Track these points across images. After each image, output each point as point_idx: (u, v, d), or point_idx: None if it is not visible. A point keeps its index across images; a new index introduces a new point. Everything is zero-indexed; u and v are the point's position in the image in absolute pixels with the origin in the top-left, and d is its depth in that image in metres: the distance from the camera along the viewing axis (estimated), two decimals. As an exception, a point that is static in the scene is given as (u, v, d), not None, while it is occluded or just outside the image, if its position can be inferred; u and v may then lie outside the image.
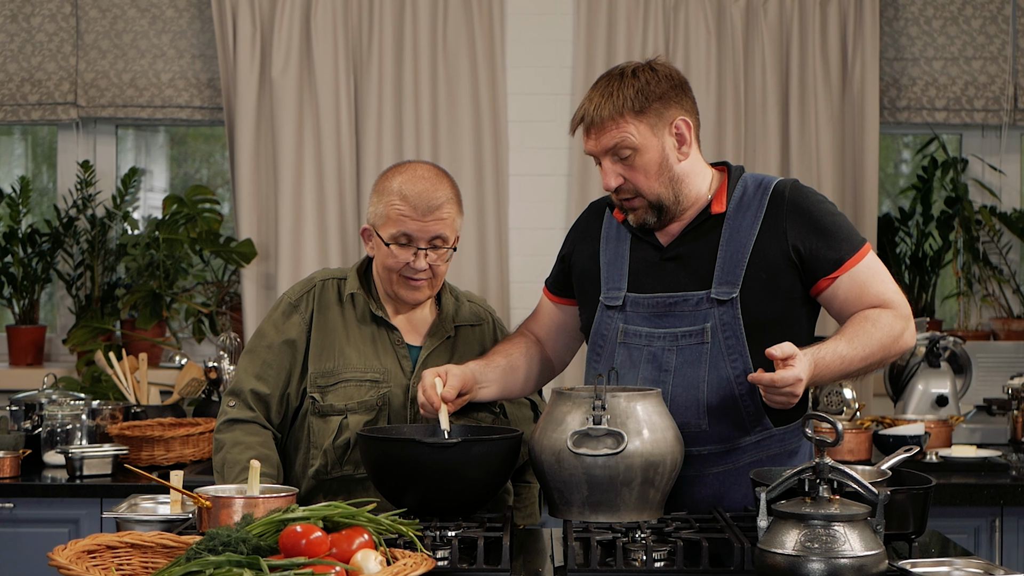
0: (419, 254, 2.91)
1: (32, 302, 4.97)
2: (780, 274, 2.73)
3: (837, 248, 2.72)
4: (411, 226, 2.90)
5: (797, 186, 2.81)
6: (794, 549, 2.12)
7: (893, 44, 5.02)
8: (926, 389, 4.50)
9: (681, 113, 2.75)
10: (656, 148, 2.73)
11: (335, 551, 2.08)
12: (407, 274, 2.93)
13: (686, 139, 2.76)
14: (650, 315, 2.79)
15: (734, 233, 2.76)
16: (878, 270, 2.75)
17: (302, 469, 2.97)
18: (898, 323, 2.70)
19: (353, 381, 2.93)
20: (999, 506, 3.93)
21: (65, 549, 2.09)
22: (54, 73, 4.96)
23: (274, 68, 4.81)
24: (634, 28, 4.85)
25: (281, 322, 2.98)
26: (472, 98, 4.85)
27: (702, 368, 2.73)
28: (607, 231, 2.93)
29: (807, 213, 2.75)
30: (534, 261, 4.92)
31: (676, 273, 2.79)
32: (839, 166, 4.90)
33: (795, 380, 2.50)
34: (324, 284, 3.03)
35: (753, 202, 2.78)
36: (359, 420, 2.92)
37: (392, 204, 2.90)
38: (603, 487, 2.51)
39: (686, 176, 2.78)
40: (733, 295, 2.72)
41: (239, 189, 4.86)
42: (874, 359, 2.68)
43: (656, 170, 2.74)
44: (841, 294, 2.73)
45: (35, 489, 3.94)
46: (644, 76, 2.74)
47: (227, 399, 2.97)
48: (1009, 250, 5.10)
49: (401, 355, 2.98)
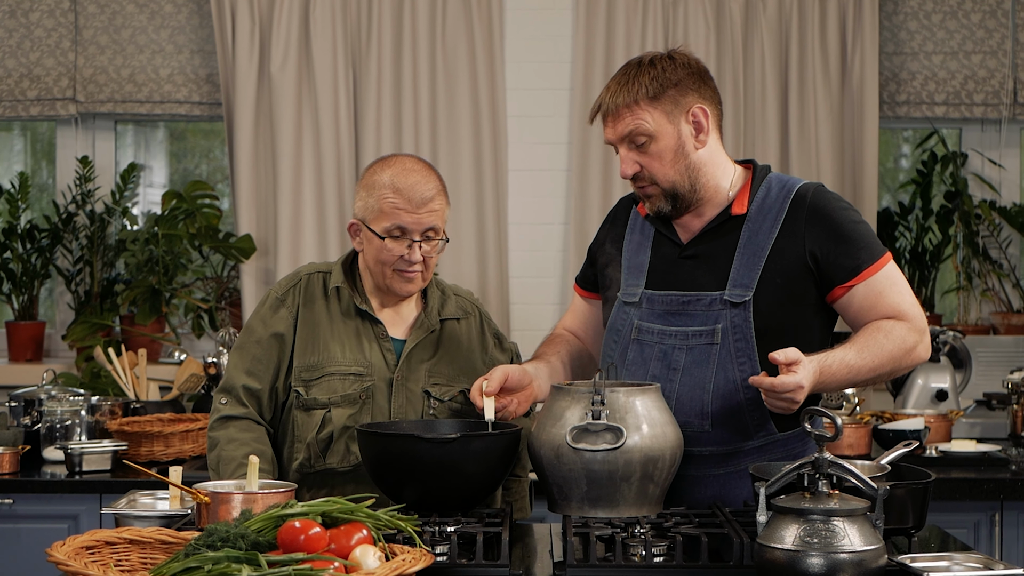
0: (413, 246, 2.91)
1: (31, 298, 4.97)
2: (795, 280, 2.72)
3: (855, 256, 2.70)
4: (405, 219, 2.89)
5: (820, 191, 2.78)
6: (793, 544, 2.12)
7: (892, 38, 5.02)
8: (926, 384, 4.50)
9: (699, 101, 2.73)
10: (672, 135, 2.72)
11: (334, 547, 2.08)
12: (401, 267, 2.92)
13: (703, 127, 2.74)
14: (664, 312, 2.78)
15: (753, 235, 2.74)
16: (896, 280, 2.73)
17: (287, 463, 2.97)
18: (911, 336, 2.68)
19: (337, 375, 2.94)
20: (999, 500, 3.93)
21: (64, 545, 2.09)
22: (53, 69, 4.96)
23: (273, 63, 4.81)
24: (633, 23, 4.85)
25: (269, 316, 2.99)
26: (471, 93, 4.84)
27: (710, 369, 2.72)
28: (632, 227, 2.92)
29: (827, 219, 2.73)
30: (533, 256, 4.92)
31: (693, 272, 2.78)
32: (838, 161, 4.90)
33: (796, 386, 2.48)
34: (310, 278, 3.03)
35: (775, 205, 2.76)
36: (342, 413, 2.92)
37: (385, 197, 2.90)
38: (602, 482, 2.50)
39: (704, 165, 2.76)
40: (746, 298, 2.70)
41: (238, 184, 4.86)
42: (883, 370, 2.66)
43: (672, 157, 2.73)
44: (856, 303, 2.71)
45: (34, 485, 3.94)
46: (661, 64, 2.73)
47: (218, 396, 2.97)
48: (1009, 244, 5.09)
49: (385, 348, 2.98)
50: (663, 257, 2.83)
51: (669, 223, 2.83)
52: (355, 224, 2.98)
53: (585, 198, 4.85)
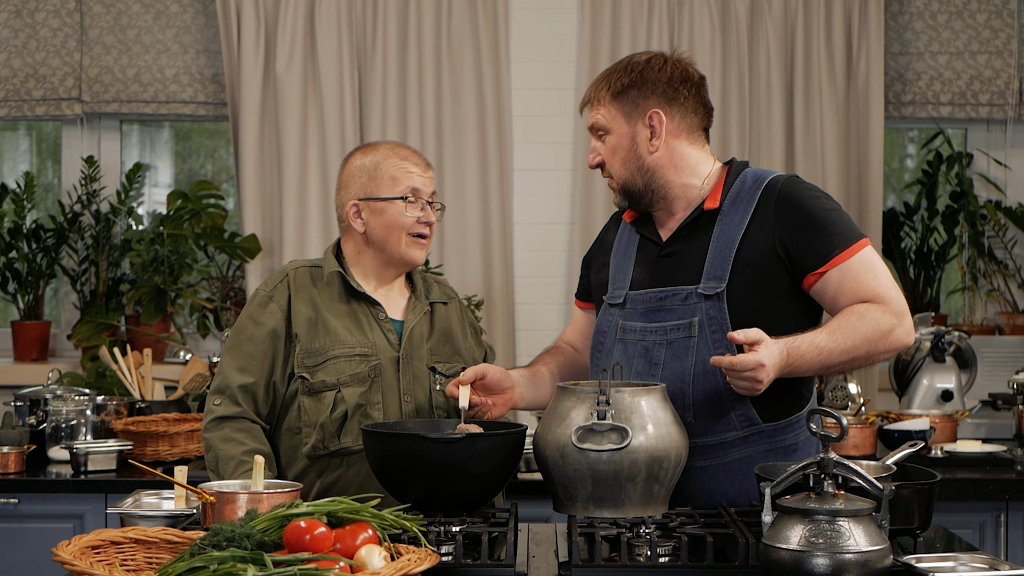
0: (427, 207, 3.05)
1: (37, 298, 4.98)
2: (766, 270, 2.73)
3: (827, 243, 2.70)
4: (418, 180, 3.04)
5: (792, 181, 2.79)
6: (799, 544, 2.12)
7: (898, 38, 5.01)
8: (931, 384, 4.49)
9: (660, 107, 2.78)
10: (625, 135, 2.80)
11: (339, 546, 2.08)
12: (417, 231, 3.04)
13: (657, 132, 2.79)
14: (645, 311, 2.82)
15: (725, 228, 2.77)
16: (872, 264, 2.71)
17: (291, 452, 2.98)
18: (887, 318, 2.65)
19: (343, 357, 2.97)
20: (1004, 501, 3.92)
21: (69, 544, 2.09)
22: (58, 68, 4.97)
23: (278, 63, 4.81)
24: (638, 23, 4.85)
25: (258, 313, 3.02)
26: (476, 93, 4.85)
27: (688, 361, 2.73)
28: (620, 234, 2.98)
29: (797, 208, 2.73)
30: (538, 256, 4.92)
31: (670, 269, 2.81)
32: (844, 161, 4.89)
33: (756, 364, 2.49)
34: (296, 272, 3.08)
35: (746, 197, 2.78)
36: (354, 392, 2.95)
37: (395, 165, 3.04)
38: (607, 482, 2.50)
39: (660, 168, 2.80)
40: (719, 290, 2.72)
41: (243, 184, 4.86)
42: (858, 353, 2.64)
43: (623, 156, 2.81)
44: (832, 289, 2.70)
45: (40, 484, 3.94)
46: (641, 65, 2.81)
47: (212, 398, 2.98)
48: (1014, 245, 5.09)
49: (387, 329, 3.04)
50: (645, 257, 2.88)
51: (649, 224, 2.88)
52: (356, 205, 3.04)
53: (590, 198, 4.85)
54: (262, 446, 2.93)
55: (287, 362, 2.98)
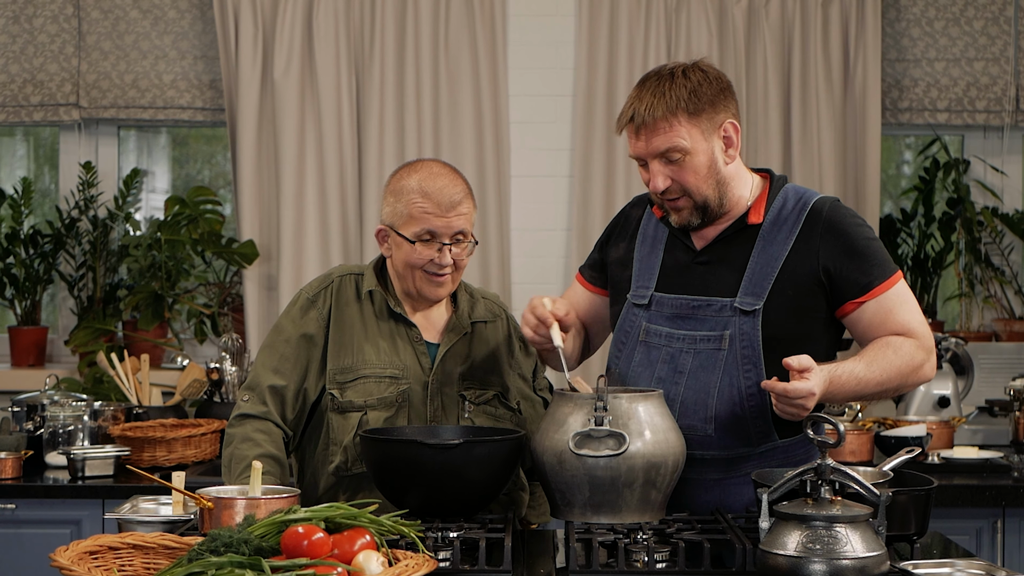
0: (444, 250, 2.92)
1: (34, 303, 4.97)
2: (806, 293, 2.73)
3: (868, 272, 2.72)
4: (435, 223, 2.90)
5: (836, 206, 2.80)
6: (796, 550, 2.13)
7: (895, 45, 5.02)
8: (928, 390, 4.50)
9: (730, 116, 2.75)
10: (706, 151, 2.73)
11: (337, 552, 2.08)
12: (431, 270, 2.93)
13: (733, 142, 2.76)
14: (673, 316, 2.80)
15: (767, 246, 2.76)
16: (906, 299, 2.75)
17: (321, 466, 2.95)
18: (919, 354, 2.70)
19: (372, 377, 2.92)
20: (1001, 507, 3.93)
21: (67, 550, 2.09)
22: (56, 74, 4.97)
23: (276, 69, 4.81)
24: (636, 29, 4.85)
25: (299, 317, 2.97)
26: (474, 99, 4.85)
27: (715, 374, 2.73)
28: (645, 228, 2.93)
29: (843, 235, 2.74)
30: (535, 262, 4.92)
31: (705, 277, 2.79)
32: (841, 167, 4.90)
33: (808, 393, 2.51)
34: (342, 280, 3.02)
35: (791, 217, 2.77)
36: (379, 416, 2.90)
37: (414, 202, 2.90)
38: (605, 488, 2.51)
39: (732, 179, 2.78)
40: (756, 307, 2.72)
41: (241, 190, 4.86)
42: (890, 385, 2.68)
43: (705, 173, 2.73)
44: (866, 319, 2.73)
45: (37, 490, 3.94)
46: (696, 77, 2.73)
47: (242, 393, 2.95)
48: (1011, 251, 5.10)
49: (420, 352, 2.97)
50: (676, 261, 2.84)
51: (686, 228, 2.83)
52: (383, 230, 2.98)
53: (587, 204, 4.85)
54: (278, 452, 2.88)
55: (321, 372, 2.95)
